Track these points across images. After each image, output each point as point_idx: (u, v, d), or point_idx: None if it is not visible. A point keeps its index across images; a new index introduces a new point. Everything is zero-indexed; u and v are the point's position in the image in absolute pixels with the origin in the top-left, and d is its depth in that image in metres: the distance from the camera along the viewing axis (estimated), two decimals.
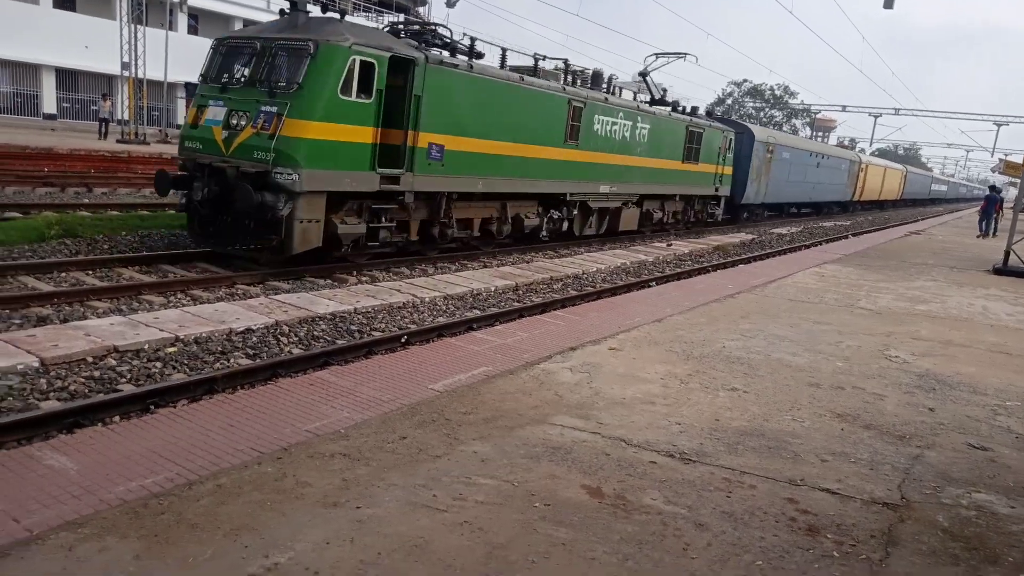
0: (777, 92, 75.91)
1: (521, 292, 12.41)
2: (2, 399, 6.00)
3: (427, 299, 10.72)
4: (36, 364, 6.57)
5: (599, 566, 3.42)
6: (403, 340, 8.68)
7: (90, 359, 6.93)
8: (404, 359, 6.45)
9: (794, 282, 12.88)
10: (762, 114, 76.62)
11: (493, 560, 3.38)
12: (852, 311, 10.46)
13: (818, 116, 77.34)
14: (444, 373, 6.02)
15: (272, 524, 3.47)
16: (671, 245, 20.07)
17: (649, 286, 13.24)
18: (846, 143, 66.97)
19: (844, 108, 68.51)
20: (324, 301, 9.78)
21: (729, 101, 76.80)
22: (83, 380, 6.56)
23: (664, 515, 3.97)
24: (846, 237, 26.35)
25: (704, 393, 6.11)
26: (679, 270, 16.43)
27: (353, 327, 9.15)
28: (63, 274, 9.99)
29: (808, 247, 21.94)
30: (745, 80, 76.83)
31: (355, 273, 12.25)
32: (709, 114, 26.66)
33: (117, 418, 5.80)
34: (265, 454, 4.18)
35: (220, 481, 3.82)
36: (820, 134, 76.04)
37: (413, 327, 9.43)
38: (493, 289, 12.06)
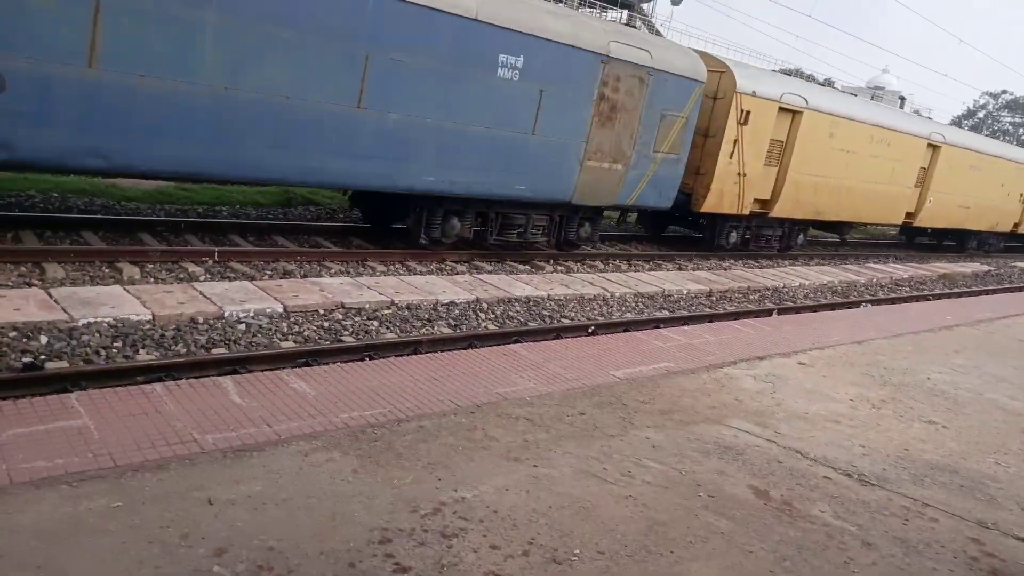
0: None
1: (714, 298, 12.29)
2: (254, 335, 7.17)
3: (617, 294, 11.00)
4: (280, 309, 7.74)
5: (755, 560, 3.54)
6: (590, 330, 9.05)
7: (321, 311, 8.03)
8: (590, 345, 6.80)
9: None
10: (1022, 131, 67.37)
11: (653, 533, 3.63)
12: None
13: None
14: (626, 363, 6.29)
15: (462, 465, 3.97)
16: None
17: (855, 307, 12.50)
18: None
19: None
20: (521, 285, 10.41)
21: (981, 114, 68.37)
22: (315, 328, 7.63)
23: (831, 528, 3.96)
24: None
25: (896, 421, 5.84)
26: (893, 295, 15.28)
27: (545, 312, 9.68)
28: (305, 236, 11.50)
29: None
30: (1004, 91, 67.76)
31: (551, 262, 12.82)
32: None
33: (339, 363, 6.72)
34: (460, 407, 4.73)
35: (422, 423, 4.41)
36: None
37: (601, 319, 9.77)
38: (685, 292, 12.07)
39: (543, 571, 3.18)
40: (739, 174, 14.96)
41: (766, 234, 17.19)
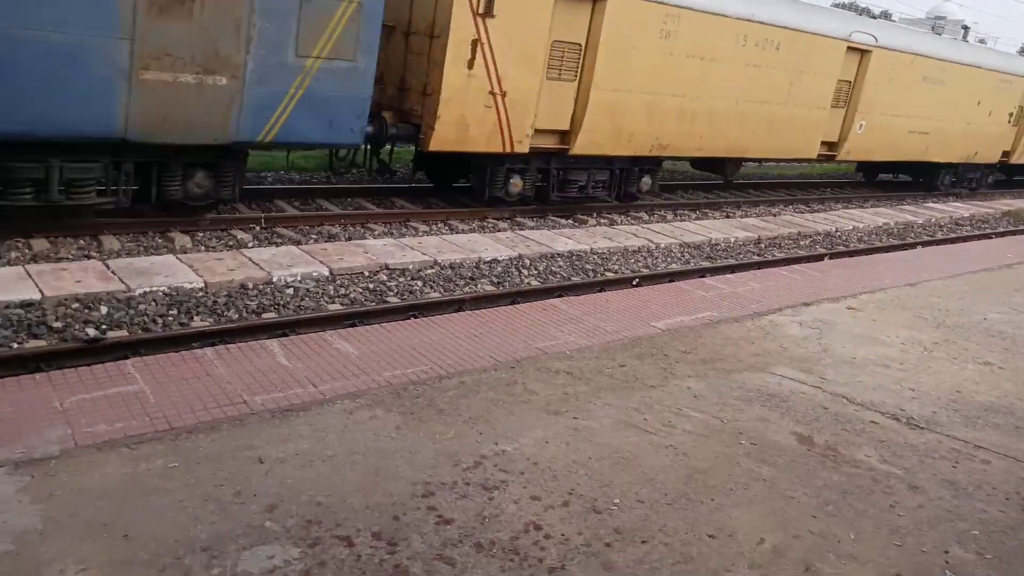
0: None
1: (763, 246, 12.04)
2: (302, 299, 7.35)
3: (663, 245, 10.88)
4: (326, 273, 7.89)
5: (797, 505, 3.55)
6: (635, 283, 8.99)
7: (366, 273, 8.16)
8: (630, 297, 6.78)
9: None
10: None
11: (693, 482, 3.66)
12: None
13: None
14: (668, 314, 6.25)
15: (502, 419, 4.04)
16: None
17: (912, 249, 12.11)
18: None
19: None
20: (563, 239, 10.36)
21: None
22: (360, 290, 7.76)
23: (876, 472, 3.93)
24: None
25: (949, 363, 5.70)
26: (952, 235, 14.73)
27: (588, 266, 9.64)
28: (349, 199, 11.62)
29: None
30: None
31: (595, 215, 12.69)
32: None
33: (382, 324, 6.85)
34: (501, 362, 4.79)
35: (463, 379, 4.49)
36: None
37: (645, 271, 9.69)
38: (733, 240, 11.85)
39: (583, 520, 3.24)
40: (493, 93, 10.05)
41: (576, 180, 11.94)
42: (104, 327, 5.93)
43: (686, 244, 11.18)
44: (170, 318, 6.37)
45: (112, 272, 6.82)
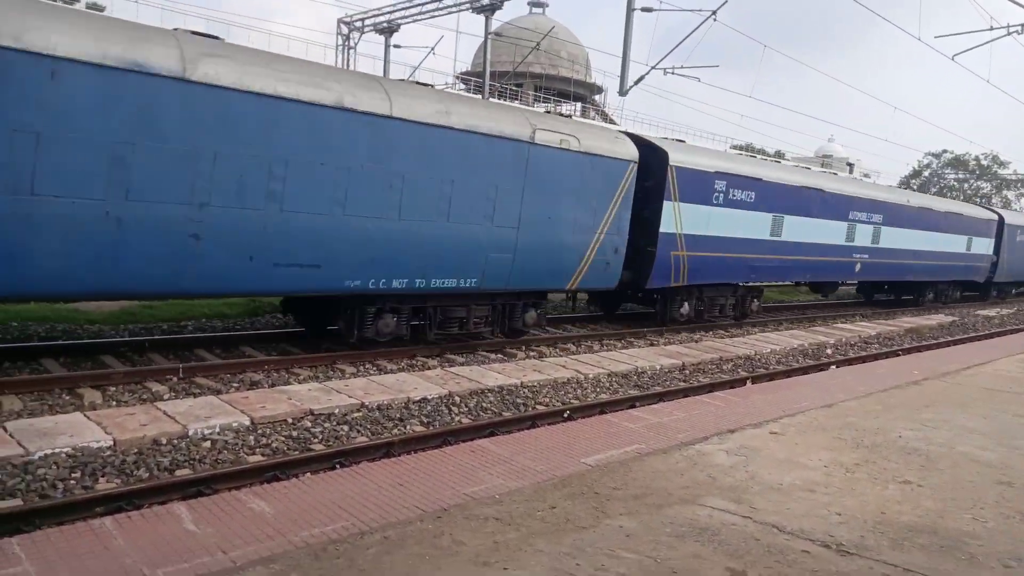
0: (984, 161, 69.17)
1: (688, 372, 12.31)
2: (220, 452, 7.01)
3: (591, 375, 10.99)
4: (247, 423, 7.59)
5: None
6: (566, 415, 8.98)
7: (290, 420, 7.90)
8: (560, 433, 6.73)
9: (994, 370, 11.67)
10: (966, 186, 70.10)
11: None
12: None
13: None
14: (597, 448, 6.22)
15: None
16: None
17: (825, 369, 12.59)
18: None
19: None
20: (493, 375, 10.36)
21: (927, 173, 71.23)
22: (283, 438, 7.48)
23: None
24: None
25: (871, 484, 5.80)
26: (863, 353, 15.45)
27: (519, 400, 9.61)
28: (273, 344, 11.41)
29: (1019, 331, 19.69)
30: (945, 151, 70.75)
31: (524, 348, 12.81)
32: None
33: (308, 473, 6.56)
34: (427, 512, 4.62)
35: (387, 533, 4.29)
36: None
37: (576, 402, 9.72)
38: (659, 368, 12.09)
39: None
40: None
41: None
42: None
43: (613, 373, 11.34)
44: (72, 482, 5.95)
45: (10, 435, 6.39)
